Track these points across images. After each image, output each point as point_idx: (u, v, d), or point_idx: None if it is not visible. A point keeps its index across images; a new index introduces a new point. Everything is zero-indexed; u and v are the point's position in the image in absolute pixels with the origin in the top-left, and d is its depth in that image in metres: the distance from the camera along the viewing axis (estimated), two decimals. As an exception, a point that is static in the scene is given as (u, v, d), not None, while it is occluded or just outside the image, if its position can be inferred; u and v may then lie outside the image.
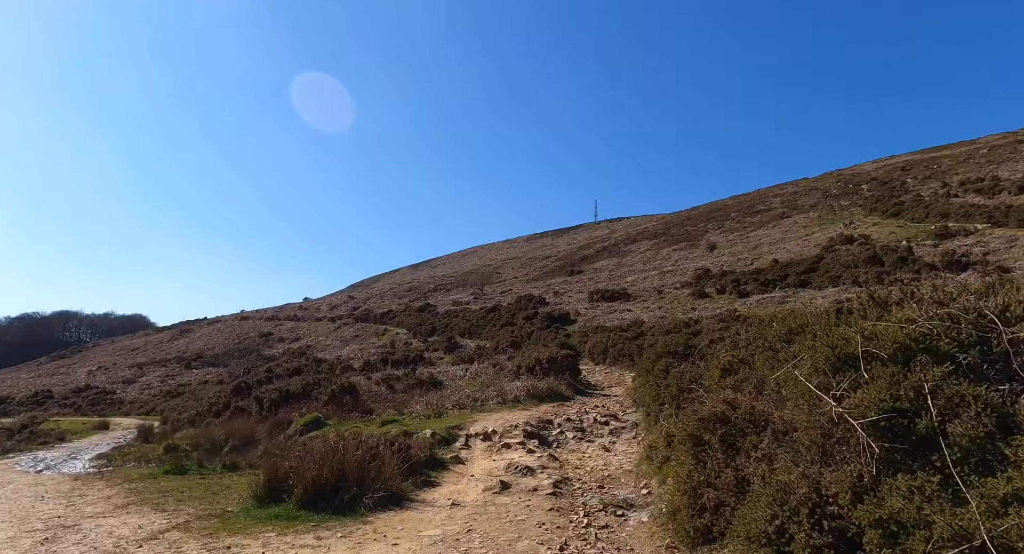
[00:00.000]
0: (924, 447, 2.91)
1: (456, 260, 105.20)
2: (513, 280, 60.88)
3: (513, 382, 11.06)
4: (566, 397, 10.88)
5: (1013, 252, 21.97)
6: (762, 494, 3.46)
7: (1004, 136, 64.80)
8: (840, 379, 3.57)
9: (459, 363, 16.96)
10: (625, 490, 5.50)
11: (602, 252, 63.69)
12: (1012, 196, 33.23)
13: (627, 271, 45.77)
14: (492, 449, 6.82)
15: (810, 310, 8.53)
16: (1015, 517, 2.19)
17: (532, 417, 8.53)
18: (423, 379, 12.50)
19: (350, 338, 40.12)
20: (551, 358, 12.33)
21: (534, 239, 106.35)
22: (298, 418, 9.34)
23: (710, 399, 5.09)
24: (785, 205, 57.24)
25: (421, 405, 9.46)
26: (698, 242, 50.50)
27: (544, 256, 77.10)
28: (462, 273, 79.80)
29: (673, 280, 35.60)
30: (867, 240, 31.44)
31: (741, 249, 41.91)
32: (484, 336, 29.19)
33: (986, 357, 3.19)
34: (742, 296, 26.51)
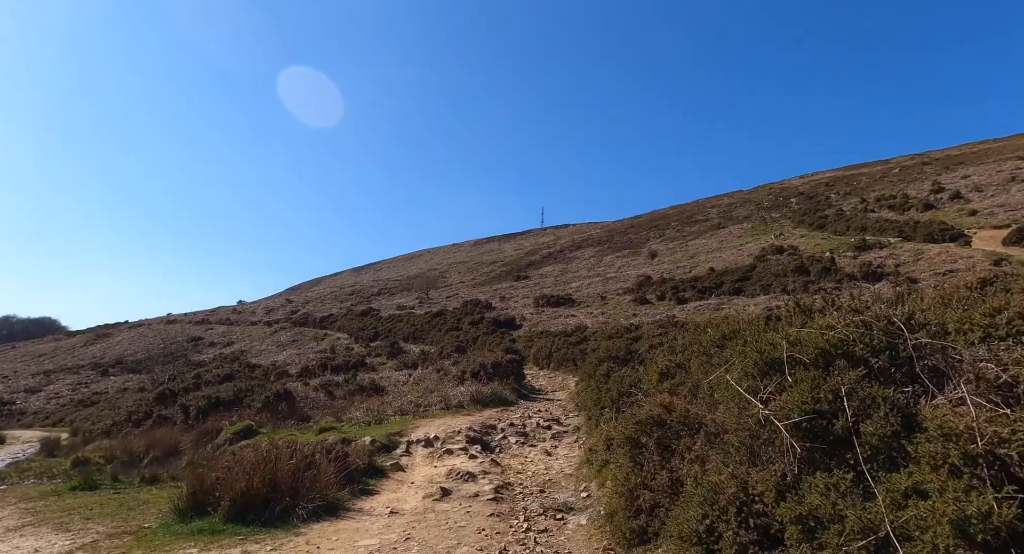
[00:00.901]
0: (840, 446, 3.08)
1: (401, 263, 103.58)
2: (460, 284, 60.60)
3: (457, 387, 10.98)
4: (510, 402, 10.91)
5: (920, 264, 23.88)
6: (694, 494, 3.58)
7: (912, 158, 70.55)
8: (767, 383, 3.72)
9: (402, 368, 16.68)
10: (565, 494, 5.57)
11: (548, 258, 64.46)
12: (919, 213, 36.21)
13: (572, 277, 46.52)
14: (434, 455, 6.74)
15: (743, 317, 8.93)
16: (914, 508, 2.37)
17: (475, 422, 8.50)
18: (364, 385, 12.18)
19: (287, 343, 38.64)
20: (496, 363, 12.34)
21: (481, 244, 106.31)
22: (228, 427, 8.86)
23: (648, 403, 5.22)
24: (722, 216, 59.93)
25: (361, 411, 9.22)
26: (640, 250, 52.02)
27: (491, 261, 77.22)
28: (407, 277, 78.66)
29: (616, 286, 36.47)
30: (795, 251, 33.37)
31: (680, 257, 43.50)
32: (429, 341, 28.86)
33: (894, 361, 3.42)
34: (681, 302, 27.51)
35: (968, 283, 6.69)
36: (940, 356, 3.35)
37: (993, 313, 4.20)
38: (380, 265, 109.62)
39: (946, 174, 48.60)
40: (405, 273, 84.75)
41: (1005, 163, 46.00)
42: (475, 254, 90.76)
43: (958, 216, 32.21)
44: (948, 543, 2.18)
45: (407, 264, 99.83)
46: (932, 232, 28.78)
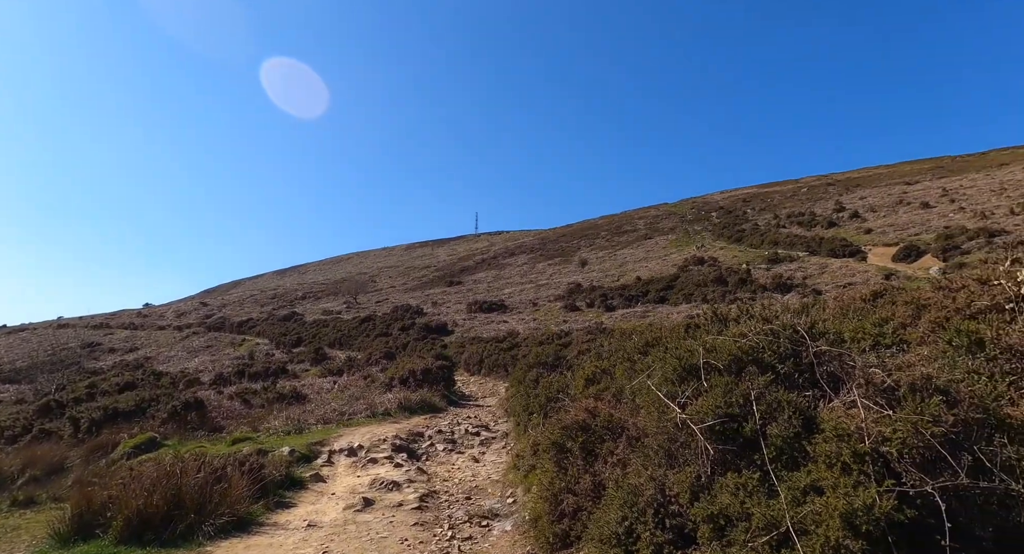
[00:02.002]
0: (749, 448, 3.25)
1: (329, 267, 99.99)
2: (390, 289, 59.34)
3: (385, 394, 10.71)
4: (439, 408, 10.77)
5: (824, 277, 25.91)
6: (615, 497, 3.67)
7: (818, 178, 76.69)
8: (685, 388, 3.88)
9: (327, 375, 16.06)
10: (491, 500, 5.55)
11: (482, 264, 64.48)
12: (823, 229, 39.37)
13: (505, 283, 46.76)
14: (357, 465, 6.52)
15: (666, 324, 9.31)
16: (811, 504, 2.54)
17: (402, 430, 8.32)
18: (285, 393, 11.59)
19: (200, 349, 36.19)
20: (426, 369, 12.16)
21: (413, 248, 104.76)
22: (127, 440, 8.08)
23: (574, 408, 5.29)
24: (649, 227, 62.40)
25: (280, 421, 8.76)
26: (571, 258, 53.13)
27: (423, 266, 76.23)
28: (335, 280, 76.06)
29: (548, 293, 37.03)
30: (715, 262, 35.28)
31: (609, 266, 44.82)
32: (356, 347, 28.05)
33: (797, 367, 3.67)
34: (609, 310, 28.33)
35: (863, 296, 7.32)
36: (837, 362, 3.61)
37: (881, 323, 4.62)
38: (305, 268, 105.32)
39: (847, 195, 53.16)
40: (332, 277, 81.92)
41: (894, 187, 50.98)
42: (407, 258, 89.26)
43: (856, 234, 35.28)
44: (838, 535, 2.36)
45: (335, 267, 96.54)
46: (834, 248, 31.34)
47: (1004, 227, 26.49)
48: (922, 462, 2.60)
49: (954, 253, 23.92)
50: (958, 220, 31.08)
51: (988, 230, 26.02)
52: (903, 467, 2.59)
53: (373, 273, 77.78)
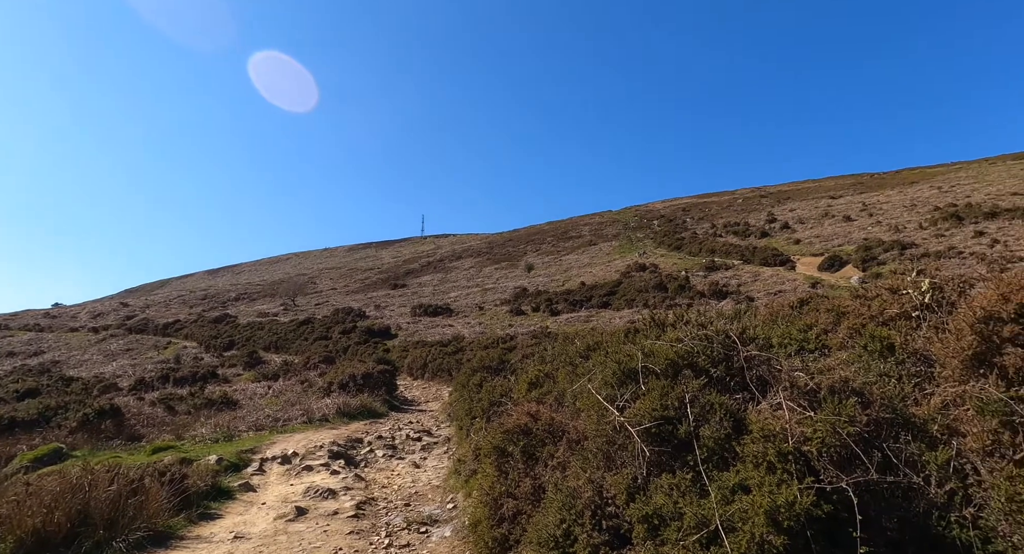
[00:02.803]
0: (683, 449, 3.34)
1: (266, 267, 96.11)
2: (331, 291, 57.70)
3: (323, 399, 10.36)
4: (380, 414, 10.55)
5: (757, 285, 27.25)
6: (554, 500, 3.70)
7: (752, 190, 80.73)
8: (624, 391, 3.95)
9: (261, 380, 15.40)
10: (431, 506, 5.47)
11: (427, 267, 63.84)
12: (757, 239, 41.47)
13: (451, 287, 46.47)
14: (291, 473, 6.26)
15: (608, 329, 9.50)
16: (739, 503, 2.64)
17: (340, 436, 8.08)
18: (214, 398, 10.98)
19: (119, 352, 33.82)
20: (367, 374, 11.87)
21: (357, 250, 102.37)
22: (25, 452, 7.35)
23: (516, 412, 5.30)
24: (593, 234, 63.70)
25: (208, 428, 8.29)
26: (518, 262, 53.47)
27: (367, 268, 74.62)
28: (272, 282, 73.19)
29: (494, 297, 37.08)
30: (656, 269, 36.43)
31: (555, 271, 45.41)
32: (294, 351, 27.10)
33: (729, 371, 3.81)
34: (554, 314, 28.68)
35: (790, 303, 7.73)
36: (766, 366, 3.78)
37: (806, 329, 4.89)
38: (240, 268, 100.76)
39: (778, 207, 56.21)
40: (270, 277, 78.78)
41: (820, 200, 54.36)
42: (350, 260, 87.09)
43: (786, 244, 37.35)
44: (763, 531, 2.47)
45: (272, 268, 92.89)
46: (766, 257, 33.05)
47: (914, 240, 28.75)
48: (839, 460, 2.76)
49: (872, 263, 25.74)
50: (875, 233, 33.49)
51: (901, 243, 28.17)
52: (822, 465, 2.74)
53: (313, 274, 75.42)
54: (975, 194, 39.95)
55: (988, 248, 24.04)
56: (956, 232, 28.96)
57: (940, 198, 41.52)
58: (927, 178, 56.57)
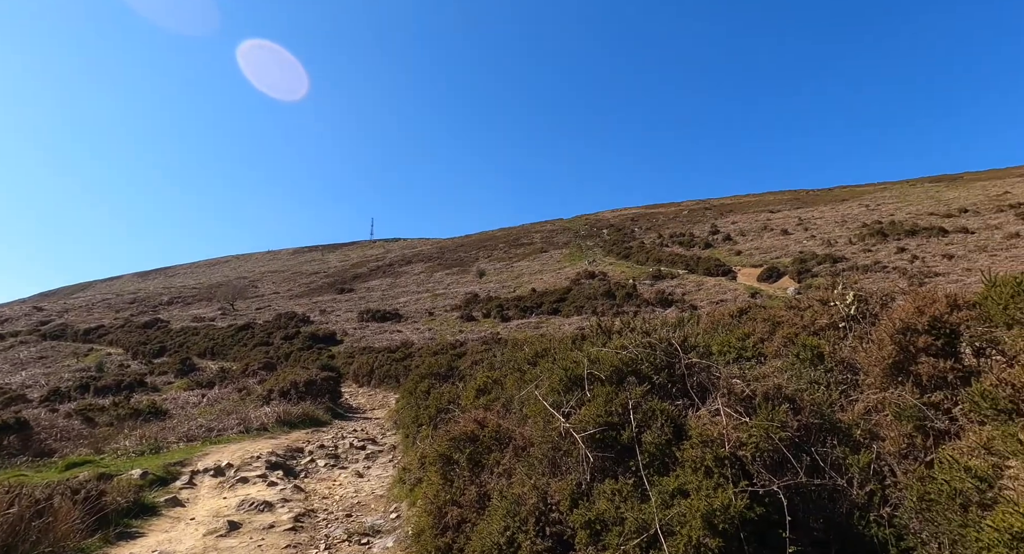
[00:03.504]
0: (626, 454, 3.40)
1: (203, 270, 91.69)
2: (273, 295, 55.69)
3: (262, 408, 9.94)
4: (323, 422, 10.23)
5: (700, 294, 28.22)
6: (498, 507, 3.68)
7: (698, 202, 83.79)
8: (570, 397, 3.99)
9: (195, 388, 14.64)
10: (374, 516, 5.33)
11: (376, 271, 62.69)
12: (701, 250, 43.01)
13: (400, 292, 45.78)
14: (224, 485, 5.95)
15: (558, 335, 9.59)
16: (678, 507, 2.71)
17: (280, 446, 7.77)
18: (141, 408, 10.30)
19: (30, 360, 31.26)
20: (310, 381, 11.50)
21: (302, 253, 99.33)
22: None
23: (463, 419, 5.26)
24: (544, 241, 64.36)
25: (133, 440, 7.74)
26: (469, 268, 53.31)
27: (312, 272, 72.47)
28: (209, 285, 69.90)
29: (444, 303, 36.79)
30: (605, 277, 37.15)
31: (506, 277, 45.54)
32: (232, 357, 25.99)
33: (671, 378, 3.91)
34: (505, 320, 28.73)
35: (730, 312, 8.04)
36: (705, 374, 3.90)
37: (744, 338, 5.10)
38: (174, 270, 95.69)
39: (721, 219, 58.52)
40: (207, 281, 75.19)
41: (760, 214, 57.02)
42: (294, 263, 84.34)
43: (728, 255, 38.91)
44: (699, 534, 2.54)
45: (209, 270, 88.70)
46: (710, 267, 34.31)
47: (845, 254, 30.56)
48: (771, 464, 2.88)
49: (807, 275, 27.16)
50: (810, 246, 35.39)
51: (833, 256, 29.88)
52: (756, 469, 2.85)
53: (255, 278, 72.57)
54: (898, 213, 42.94)
55: (909, 263, 25.84)
56: (881, 247, 31.01)
57: (868, 215, 44.39)
58: (856, 196, 60.38)
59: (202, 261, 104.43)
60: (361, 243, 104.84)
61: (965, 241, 28.80)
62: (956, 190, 51.43)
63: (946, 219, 35.85)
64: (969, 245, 27.68)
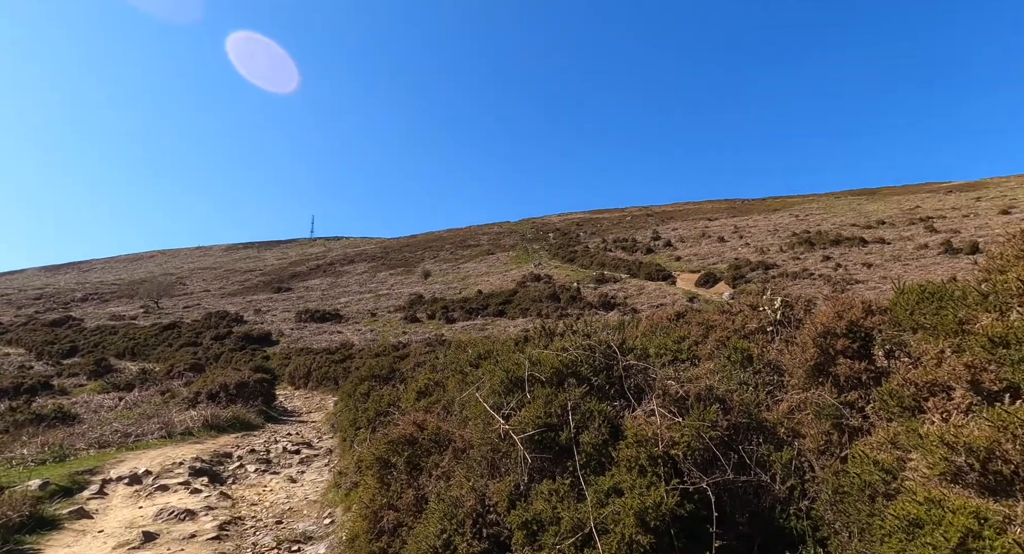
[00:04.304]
0: (564, 455, 3.43)
1: (123, 265, 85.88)
2: (204, 294, 52.92)
3: (188, 411, 9.38)
4: (255, 426, 9.79)
5: (641, 297, 29.04)
6: (435, 510, 3.62)
7: (640, 209, 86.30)
8: (510, 399, 3.98)
9: (111, 391, 13.65)
10: (306, 522, 5.14)
11: (316, 270, 60.82)
12: (643, 255, 44.30)
13: (341, 292, 44.60)
14: (140, 494, 5.54)
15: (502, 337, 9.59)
16: (612, 505, 2.75)
17: (206, 451, 7.35)
18: (44, 413, 9.42)
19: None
20: (241, 383, 10.97)
21: (236, 249, 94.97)
22: None
23: (403, 421, 5.17)
24: (491, 243, 64.43)
25: (34, 447, 7.06)
26: (415, 269, 52.62)
27: (247, 269, 69.44)
28: (131, 281, 65.60)
29: (388, 304, 36.12)
30: (551, 280, 37.60)
31: (452, 279, 45.25)
32: (155, 358, 24.51)
33: (609, 379, 3.98)
34: (450, 322, 28.52)
35: (668, 316, 8.29)
36: (642, 375, 3.99)
37: (680, 341, 5.26)
38: (90, 265, 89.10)
39: (662, 226, 60.49)
40: (128, 277, 70.50)
41: (699, 222, 59.37)
42: (227, 261, 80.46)
43: (668, 260, 40.25)
44: (632, 532, 2.58)
45: (131, 266, 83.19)
46: (651, 272, 35.37)
47: (776, 261, 32.26)
48: (702, 462, 2.98)
49: (741, 281, 28.48)
50: (744, 254, 37.13)
51: (765, 263, 31.48)
52: (687, 467, 2.93)
53: (183, 275, 68.69)
54: (824, 223, 45.79)
55: (833, 271, 27.58)
56: (809, 256, 32.94)
57: (797, 225, 47.08)
58: (788, 207, 63.92)
59: (122, 256, 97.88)
60: (300, 241, 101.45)
61: (882, 251, 31.06)
62: (875, 203, 55.44)
63: (866, 230, 38.55)
64: (885, 254, 29.88)
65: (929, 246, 29.68)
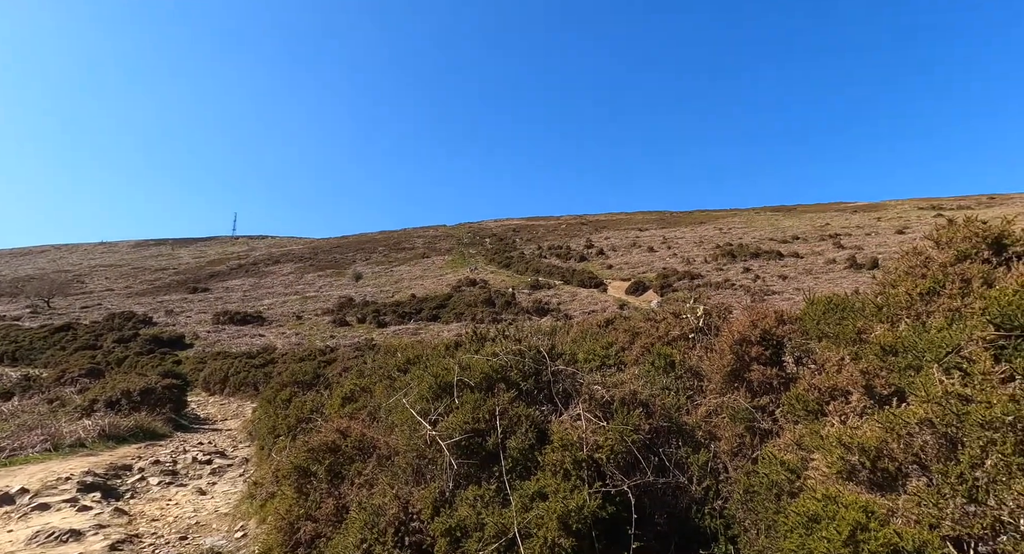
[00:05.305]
0: (491, 461, 3.40)
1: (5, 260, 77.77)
2: (107, 293, 48.87)
3: (81, 421, 8.51)
4: (162, 435, 9.08)
5: (574, 304, 29.62)
6: (356, 519, 3.50)
7: (575, 217, 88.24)
8: (439, 405, 3.92)
9: (-14, 399, 12.25)
10: (215, 537, 4.81)
11: (238, 270, 57.78)
12: (576, 262, 45.28)
13: (265, 293, 42.57)
14: (11, 516, 4.91)
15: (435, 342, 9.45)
16: (536, 510, 2.76)
17: (100, 464, 6.71)
18: None
19: None
20: (147, 389, 10.15)
21: (146, 246, 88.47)
22: None
23: (325, 428, 4.98)
24: (427, 246, 63.74)
25: None
26: (345, 271, 51.09)
27: (159, 268, 64.85)
28: (15, 279, 59.57)
29: (315, 306, 34.83)
30: (486, 285, 37.63)
31: (385, 282, 44.30)
32: (42, 363, 22.35)
33: (538, 384, 4.00)
34: (381, 326, 27.86)
35: (598, 322, 8.48)
36: (570, 380, 4.04)
37: (607, 346, 5.38)
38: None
39: (596, 234, 62.14)
40: (12, 273, 63.95)
41: (631, 232, 61.47)
42: (135, 258, 74.75)
43: (601, 268, 41.35)
44: (555, 535, 2.59)
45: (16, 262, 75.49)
46: (584, 279, 36.19)
47: (701, 272, 33.89)
48: (624, 465, 3.04)
49: (668, 290, 29.67)
50: (672, 263, 38.76)
51: (691, 273, 32.99)
52: (610, 470, 2.99)
53: (81, 272, 63.14)
54: (745, 237, 48.65)
55: (752, 282, 29.32)
56: (731, 267, 34.86)
57: (721, 238, 49.73)
58: (713, 220, 67.44)
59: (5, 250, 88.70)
60: (221, 239, 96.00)
61: (796, 264, 33.39)
62: (791, 219, 59.59)
63: (782, 244, 41.34)
64: (799, 268, 32.12)
65: (837, 261, 32.23)
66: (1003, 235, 3.39)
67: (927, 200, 68.16)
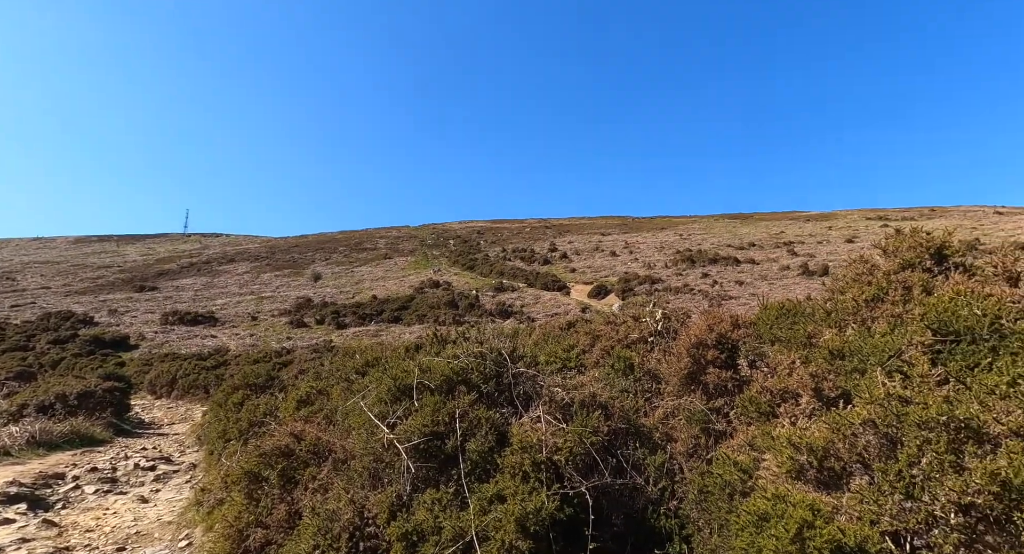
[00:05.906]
0: (450, 464, 3.36)
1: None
2: (42, 291, 46.17)
3: (6, 427, 7.98)
4: (101, 440, 8.62)
5: (538, 306, 29.76)
6: (309, 525, 3.39)
7: (539, 221, 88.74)
8: (397, 408, 3.85)
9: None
10: (157, 546, 4.58)
11: (189, 268, 55.68)
12: (540, 265, 45.54)
13: (219, 293, 41.13)
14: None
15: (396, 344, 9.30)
16: (494, 512, 2.74)
17: (28, 473, 6.29)
18: None
19: None
20: (85, 392, 9.62)
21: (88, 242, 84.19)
22: None
23: (279, 432, 4.82)
24: (389, 247, 62.92)
25: None
26: (304, 271, 49.89)
27: (102, 265, 61.79)
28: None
29: (272, 307, 33.87)
30: (450, 286, 37.40)
31: (345, 282, 43.46)
32: (-32, 364, 20.94)
33: (499, 387, 3.98)
34: (340, 327, 27.30)
35: (560, 325, 8.54)
36: (531, 383, 4.03)
37: (569, 349, 5.41)
38: None
39: (559, 238, 62.63)
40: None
41: (593, 236, 62.25)
42: (75, 254, 71.00)
43: (564, 272, 41.69)
44: (512, 538, 2.58)
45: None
46: (547, 282, 36.40)
47: (661, 277, 34.59)
48: (583, 466, 3.06)
49: (629, 293, 30.15)
50: (634, 268, 39.42)
51: (651, 278, 33.62)
52: (568, 472, 2.99)
53: (12, 269, 59.51)
54: (704, 243, 49.94)
55: (710, 287, 30.10)
56: (690, 272, 35.72)
57: (681, 243, 50.92)
58: (673, 226, 68.99)
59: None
60: (171, 236, 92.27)
61: (752, 270, 34.49)
62: (748, 227, 61.54)
63: (739, 251, 42.63)
64: (755, 274, 33.19)
65: (791, 268, 33.46)
66: (944, 246, 3.58)
67: (874, 211, 71.66)
